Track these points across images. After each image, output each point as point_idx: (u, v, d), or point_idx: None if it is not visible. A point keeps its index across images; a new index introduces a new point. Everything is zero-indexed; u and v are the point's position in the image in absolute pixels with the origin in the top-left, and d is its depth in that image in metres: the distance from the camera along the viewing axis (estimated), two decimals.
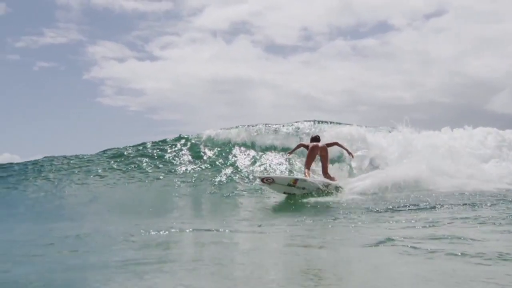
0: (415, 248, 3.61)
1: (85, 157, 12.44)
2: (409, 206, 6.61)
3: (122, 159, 12.02)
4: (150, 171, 11.26)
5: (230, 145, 12.89)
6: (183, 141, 13.16)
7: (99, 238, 4.87)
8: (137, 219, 6.45)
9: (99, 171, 11.22)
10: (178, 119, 38.20)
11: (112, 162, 11.84)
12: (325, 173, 9.87)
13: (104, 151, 12.87)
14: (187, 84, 39.92)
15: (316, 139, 10.31)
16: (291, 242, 4.52)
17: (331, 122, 14.53)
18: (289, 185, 9.09)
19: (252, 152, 12.49)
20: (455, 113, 33.54)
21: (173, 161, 11.92)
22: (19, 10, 37.86)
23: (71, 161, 12.00)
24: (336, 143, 10.32)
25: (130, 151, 12.58)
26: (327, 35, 43.21)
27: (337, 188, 8.91)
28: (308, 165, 9.93)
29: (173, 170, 11.26)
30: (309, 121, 14.57)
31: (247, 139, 13.10)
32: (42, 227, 6.25)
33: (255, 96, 36.78)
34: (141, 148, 12.80)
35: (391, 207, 6.69)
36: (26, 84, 37.20)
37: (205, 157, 12.13)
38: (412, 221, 5.26)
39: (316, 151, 10.14)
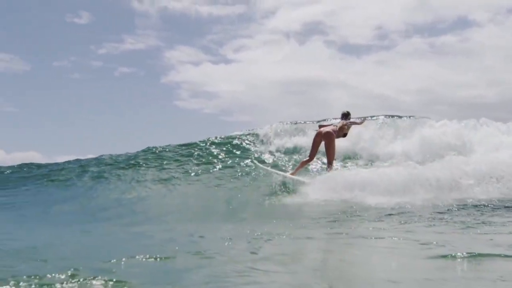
0: None
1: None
2: None
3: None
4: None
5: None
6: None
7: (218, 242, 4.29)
8: (231, 222, 6.09)
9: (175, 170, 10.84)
10: (251, 121, 38.87)
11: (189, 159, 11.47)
12: (328, 164, 8.81)
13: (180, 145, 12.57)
14: (260, 86, 40.27)
15: (344, 115, 9.28)
16: (422, 252, 3.54)
17: (410, 116, 12.59)
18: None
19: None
20: None
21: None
22: (101, 18, 39.49)
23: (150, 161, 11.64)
24: (352, 123, 9.17)
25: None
26: (403, 33, 41.01)
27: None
28: (309, 156, 9.08)
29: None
30: (388, 116, 12.83)
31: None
32: (129, 229, 5.83)
33: (328, 97, 36.09)
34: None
35: None
36: (108, 89, 38.65)
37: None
38: None
39: (317, 138, 9.10)
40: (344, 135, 9.31)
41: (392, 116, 12.65)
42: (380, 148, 10.25)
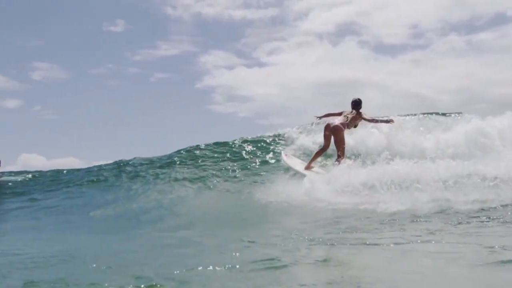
0: None
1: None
2: None
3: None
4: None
5: None
6: None
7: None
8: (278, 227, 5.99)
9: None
10: (286, 123, 38.69)
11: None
12: (338, 157, 8.57)
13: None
14: (294, 88, 40.62)
15: (356, 103, 9.01)
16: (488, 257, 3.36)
17: (451, 114, 12.06)
18: None
19: None
20: None
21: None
22: (136, 26, 41.33)
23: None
24: (371, 120, 8.93)
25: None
26: (439, 31, 41.28)
27: None
28: (323, 146, 8.97)
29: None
30: (427, 113, 12.31)
31: None
32: (176, 234, 5.79)
33: (363, 98, 35.88)
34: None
35: None
36: (144, 95, 40.33)
37: None
38: None
39: (326, 131, 8.88)
40: (355, 125, 9.20)
41: (431, 114, 12.22)
42: (423, 143, 9.83)
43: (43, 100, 37.87)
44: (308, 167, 9.19)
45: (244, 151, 11.60)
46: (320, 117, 9.67)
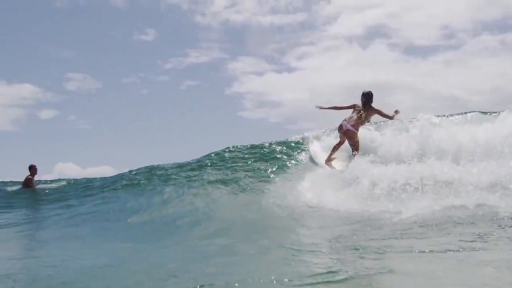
0: None
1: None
2: None
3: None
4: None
5: None
6: None
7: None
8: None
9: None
10: (316, 128, 38.49)
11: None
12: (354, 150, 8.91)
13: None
14: (324, 93, 40.30)
15: (367, 96, 9.05)
16: None
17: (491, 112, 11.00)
18: None
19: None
20: None
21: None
22: (166, 34, 41.63)
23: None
24: (386, 115, 8.99)
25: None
26: (471, 31, 40.58)
27: None
28: (340, 141, 9.35)
29: None
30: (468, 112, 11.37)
31: None
32: (217, 242, 5.70)
33: (394, 100, 36.03)
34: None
35: None
36: (174, 102, 41.27)
37: None
38: None
39: (340, 132, 9.27)
40: (369, 120, 9.36)
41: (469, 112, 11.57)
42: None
43: (77, 110, 39.05)
44: (328, 160, 9.54)
45: (275, 152, 11.52)
46: (324, 108, 9.78)
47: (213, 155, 12.09)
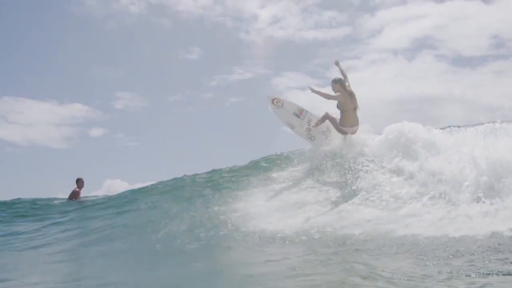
0: None
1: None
2: None
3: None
4: None
5: None
6: None
7: None
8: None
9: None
10: None
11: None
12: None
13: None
14: (371, 106, 39.26)
15: (342, 82, 9.96)
16: None
17: None
18: (295, 114, 10.03)
19: None
20: None
21: None
22: (211, 53, 42.07)
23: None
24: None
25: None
26: None
27: None
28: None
29: None
30: None
31: None
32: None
33: (443, 113, 34.60)
34: None
35: None
36: (219, 119, 41.24)
37: None
38: None
39: (344, 128, 10.17)
40: (354, 108, 9.93)
41: None
42: None
43: (125, 127, 39.88)
44: (316, 125, 10.20)
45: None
46: (314, 91, 10.15)
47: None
